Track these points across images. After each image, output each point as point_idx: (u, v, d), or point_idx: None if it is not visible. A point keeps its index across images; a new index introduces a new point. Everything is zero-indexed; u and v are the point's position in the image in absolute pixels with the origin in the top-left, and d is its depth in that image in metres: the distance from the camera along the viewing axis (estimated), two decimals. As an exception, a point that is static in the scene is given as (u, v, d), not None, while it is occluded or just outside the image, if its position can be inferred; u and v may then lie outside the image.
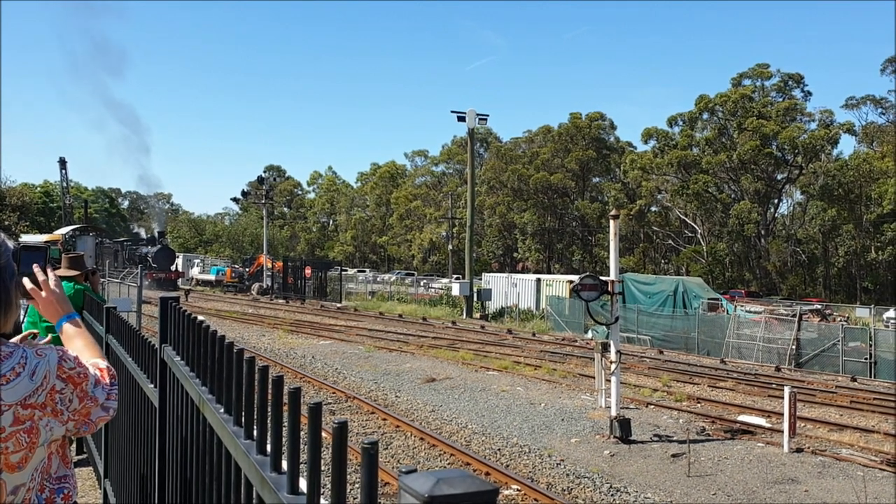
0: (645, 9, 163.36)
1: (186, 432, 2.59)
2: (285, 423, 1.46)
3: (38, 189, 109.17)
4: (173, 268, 59.17)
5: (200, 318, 2.56)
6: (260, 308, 41.76)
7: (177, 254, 64.41)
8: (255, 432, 1.70)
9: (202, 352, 2.35)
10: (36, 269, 2.48)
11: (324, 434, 8.63)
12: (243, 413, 1.81)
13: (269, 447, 1.59)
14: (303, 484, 1.39)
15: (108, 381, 2.04)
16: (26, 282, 2.47)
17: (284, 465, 1.48)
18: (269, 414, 1.59)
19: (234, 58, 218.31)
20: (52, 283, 2.48)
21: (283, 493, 1.40)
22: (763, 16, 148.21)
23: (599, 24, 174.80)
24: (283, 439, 1.49)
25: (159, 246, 59.17)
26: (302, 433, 1.39)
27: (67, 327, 2.39)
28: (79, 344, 2.32)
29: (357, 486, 1.22)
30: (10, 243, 2.05)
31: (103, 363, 2.13)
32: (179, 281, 59.62)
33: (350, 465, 9.29)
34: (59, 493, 1.94)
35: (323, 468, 7.24)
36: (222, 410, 2.02)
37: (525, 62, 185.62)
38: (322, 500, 1.33)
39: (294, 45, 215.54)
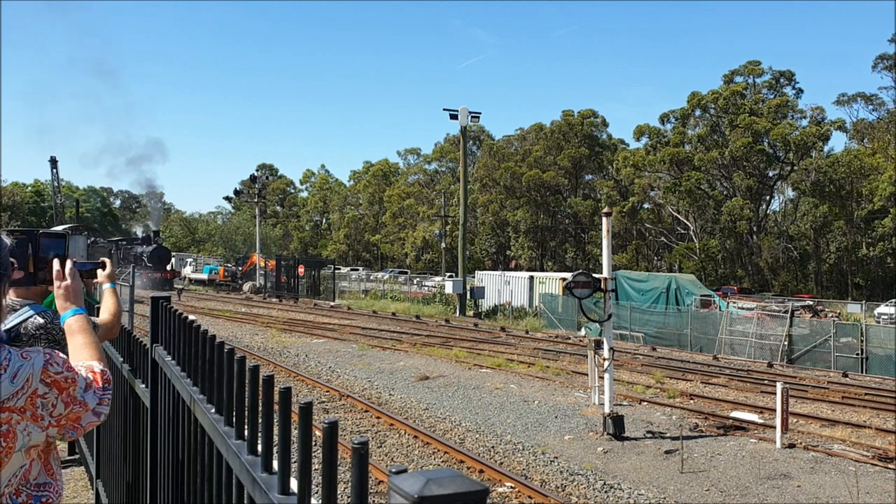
0: (635, 7, 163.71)
1: (178, 432, 2.58)
2: (277, 423, 1.46)
3: (29, 188, 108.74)
4: (168, 267, 58.97)
5: (192, 317, 2.55)
6: (253, 307, 41.68)
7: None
8: (246, 432, 1.69)
9: (193, 352, 2.34)
10: (68, 263, 2.48)
11: (318, 433, 8.63)
12: (234, 413, 1.80)
13: (259, 447, 1.58)
14: (294, 484, 1.38)
15: (100, 384, 1.98)
16: (55, 264, 2.45)
17: (275, 465, 1.48)
18: (261, 414, 1.58)
19: (226, 56, 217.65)
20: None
21: (273, 493, 1.40)
22: (754, 14, 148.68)
23: (590, 22, 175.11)
24: (276, 439, 1.48)
25: (154, 245, 58.90)
26: (294, 432, 1.38)
27: (72, 321, 2.35)
28: (79, 341, 2.27)
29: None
30: (7, 239, 2.02)
31: (98, 366, 2.06)
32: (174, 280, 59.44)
33: (345, 464, 9.29)
34: (36, 501, 1.90)
35: (317, 467, 7.18)
36: (213, 410, 2.01)
37: (516, 61, 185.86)
38: (313, 500, 1.33)
39: (286, 44, 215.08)
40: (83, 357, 2.16)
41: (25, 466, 1.86)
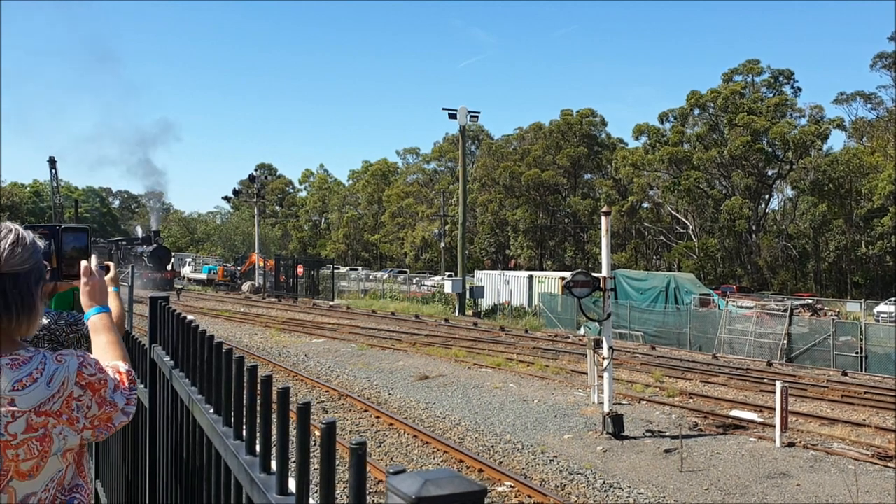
0: (635, 7, 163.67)
1: (176, 433, 2.58)
2: (275, 423, 1.45)
3: (28, 188, 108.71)
4: (169, 267, 58.84)
5: (190, 317, 2.55)
6: (252, 307, 41.66)
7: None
8: (244, 433, 1.69)
9: (191, 352, 2.34)
10: (93, 260, 2.48)
11: (317, 433, 8.63)
12: (232, 414, 1.79)
13: (258, 448, 1.58)
14: (292, 484, 1.38)
15: (127, 385, 1.98)
16: (84, 263, 2.45)
17: (274, 465, 1.47)
18: (259, 414, 1.58)
19: (226, 56, 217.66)
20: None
21: (271, 493, 1.40)
22: (753, 14, 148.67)
23: (589, 22, 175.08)
24: (275, 439, 1.48)
25: (154, 245, 58.72)
26: (293, 433, 1.38)
27: (97, 319, 2.32)
28: (104, 339, 2.26)
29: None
30: (42, 243, 2.01)
31: (124, 366, 2.06)
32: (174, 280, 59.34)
33: (344, 464, 9.28)
34: None
35: (316, 467, 7.23)
36: (212, 411, 2.01)
37: (515, 60, 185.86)
38: (311, 501, 1.32)
39: (286, 44, 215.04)
40: (108, 356, 2.15)
41: (62, 471, 1.85)
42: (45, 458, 1.77)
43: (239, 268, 65.29)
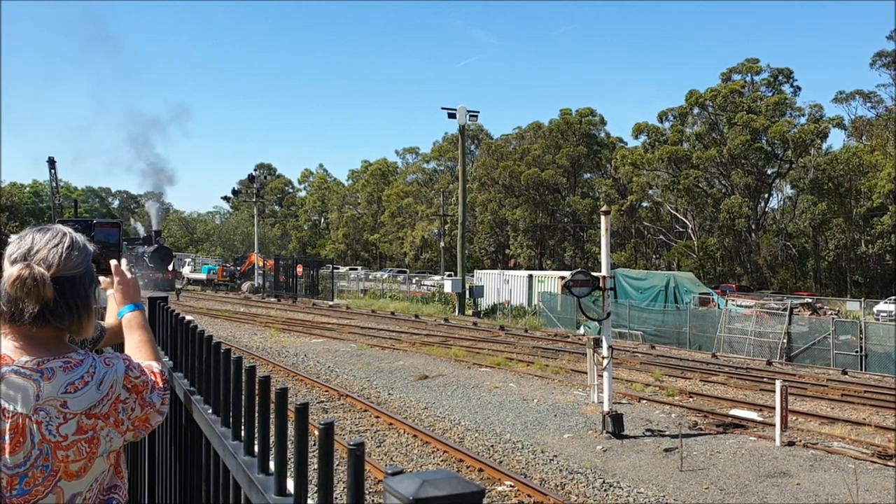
0: (634, 6, 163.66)
1: (175, 433, 2.58)
2: (274, 424, 1.45)
3: (28, 189, 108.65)
4: (170, 267, 58.70)
5: (189, 317, 2.55)
6: (251, 307, 41.66)
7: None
8: (243, 433, 1.69)
9: (189, 352, 2.34)
10: (123, 260, 2.49)
11: (316, 433, 8.63)
12: (231, 414, 1.79)
13: (257, 448, 1.57)
14: (290, 485, 1.38)
15: (161, 385, 2.02)
16: (113, 262, 2.46)
17: (272, 466, 1.47)
18: (258, 414, 1.57)
19: (225, 56, 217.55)
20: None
21: (270, 494, 1.39)
22: (752, 12, 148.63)
23: (589, 21, 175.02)
24: (273, 440, 1.48)
25: (156, 245, 58.55)
26: (292, 433, 1.37)
27: (131, 317, 2.34)
28: (137, 338, 2.27)
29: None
30: (91, 247, 2.04)
31: (157, 366, 2.08)
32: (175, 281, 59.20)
33: (344, 463, 9.28)
34: None
35: (315, 467, 7.22)
36: (210, 411, 2.01)
37: (515, 60, 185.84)
38: (310, 501, 1.32)
39: (285, 44, 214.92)
40: (141, 355, 2.18)
41: (104, 472, 1.89)
42: (93, 460, 1.82)
43: (238, 268, 65.22)
